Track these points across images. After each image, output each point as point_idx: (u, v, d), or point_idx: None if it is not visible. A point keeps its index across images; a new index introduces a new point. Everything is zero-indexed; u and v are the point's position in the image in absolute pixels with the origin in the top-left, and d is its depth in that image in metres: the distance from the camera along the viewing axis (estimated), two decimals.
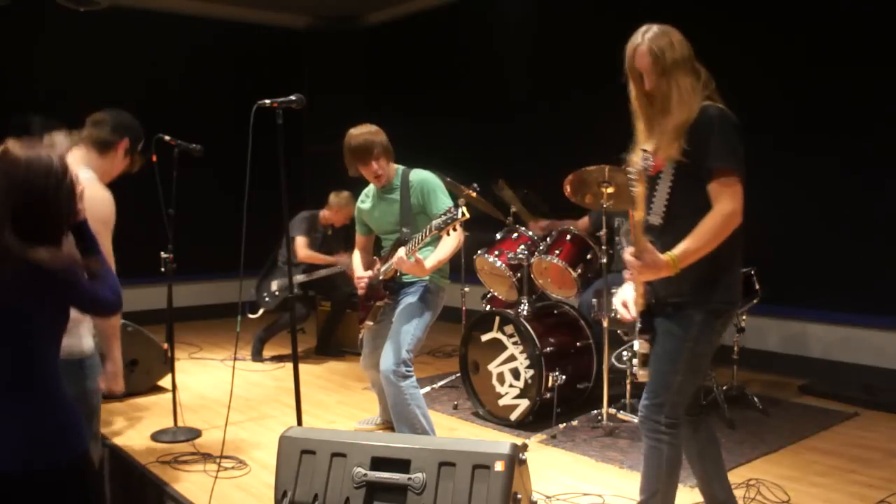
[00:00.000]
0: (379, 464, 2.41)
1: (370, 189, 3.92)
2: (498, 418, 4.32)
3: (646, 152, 2.42)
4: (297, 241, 5.86)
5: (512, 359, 4.25)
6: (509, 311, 4.34)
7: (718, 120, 2.38)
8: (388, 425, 4.22)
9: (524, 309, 4.32)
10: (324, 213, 6.04)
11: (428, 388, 4.86)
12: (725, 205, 2.35)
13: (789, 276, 5.05)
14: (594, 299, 4.26)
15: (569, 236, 4.43)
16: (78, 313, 2.15)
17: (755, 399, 4.46)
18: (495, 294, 4.78)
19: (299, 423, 3.12)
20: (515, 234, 4.57)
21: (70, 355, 2.52)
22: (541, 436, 4.06)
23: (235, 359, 5.54)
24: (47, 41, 6.86)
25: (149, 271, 4.46)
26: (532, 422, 4.18)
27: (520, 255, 4.38)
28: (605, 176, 4.00)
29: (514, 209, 5.01)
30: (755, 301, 4.38)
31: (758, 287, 4.37)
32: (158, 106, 7.08)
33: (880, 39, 4.74)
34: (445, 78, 7.66)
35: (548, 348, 4.16)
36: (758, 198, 2.59)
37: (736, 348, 4.53)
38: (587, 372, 4.41)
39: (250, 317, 5.80)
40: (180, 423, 4.20)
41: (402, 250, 3.51)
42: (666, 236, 2.43)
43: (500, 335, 4.31)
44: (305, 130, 8.13)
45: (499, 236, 4.66)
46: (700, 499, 3.22)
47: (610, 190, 4.03)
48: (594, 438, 4.02)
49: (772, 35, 5.17)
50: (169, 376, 4.44)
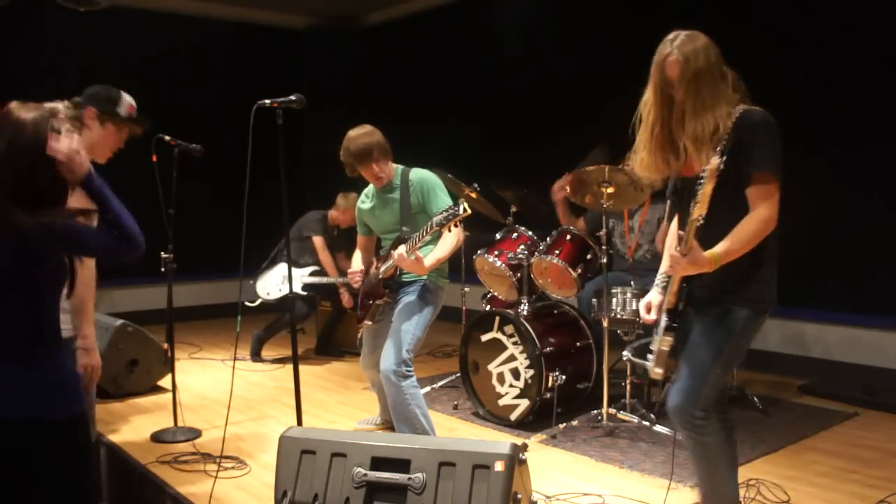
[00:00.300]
0: (379, 464, 2.41)
1: (370, 189, 3.92)
2: (498, 418, 4.32)
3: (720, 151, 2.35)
4: (315, 242, 5.90)
5: (512, 359, 4.25)
6: (509, 311, 4.34)
7: (763, 126, 2.40)
8: (388, 425, 4.22)
9: (524, 309, 4.32)
10: (331, 214, 6.06)
11: (428, 388, 4.86)
12: (765, 211, 2.39)
13: (789, 277, 5.04)
14: (594, 299, 4.26)
15: (569, 236, 4.43)
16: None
17: (755, 399, 4.47)
18: (495, 294, 4.78)
19: (299, 423, 3.12)
20: (515, 234, 4.57)
21: None
22: (541, 436, 4.06)
23: (235, 359, 5.54)
24: (47, 41, 6.86)
25: (149, 271, 4.45)
26: (532, 422, 4.18)
27: (520, 255, 4.38)
28: (605, 176, 4.01)
29: (525, 191, 4.95)
30: None
31: None
32: (158, 106, 7.03)
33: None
34: (445, 78, 7.67)
35: (548, 348, 4.16)
36: None
37: None
38: (587, 372, 4.41)
39: (247, 304, 5.79)
40: (180, 423, 4.19)
41: (402, 247, 3.52)
42: (703, 242, 2.42)
43: (500, 335, 4.31)
44: (305, 130, 8.13)
45: (499, 236, 4.66)
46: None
47: (610, 190, 4.04)
48: (594, 438, 4.02)
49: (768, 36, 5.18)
50: (169, 376, 4.43)
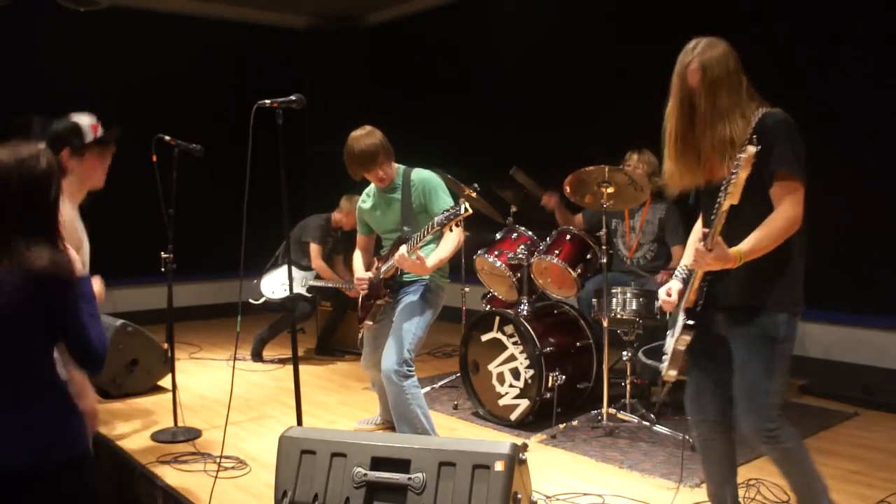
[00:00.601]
0: (379, 464, 2.41)
1: (371, 189, 3.92)
2: (498, 418, 4.32)
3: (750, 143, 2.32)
4: (311, 249, 5.92)
5: (512, 359, 4.25)
6: (509, 311, 4.34)
7: (784, 125, 2.41)
8: (388, 425, 4.22)
9: (524, 309, 4.32)
10: (335, 216, 6.07)
11: (428, 388, 4.86)
12: (789, 209, 2.39)
13: None
14: (594, 299, 4.26)
15: (569, 236, 4.43)
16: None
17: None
18: (495, 294, 4.78)
19: (299, 423, 3.12)
20: (515, 234, 4.57)
21: None
22: (541, 436, 4.06)
23: (235, 359, 5.54)
24: (47, 41, 6.86)
25: (149, 271, 4.47)
26: (532, 422, 4.18)
27: (520, 255, 4.38)
28: (605, 176, 4.01)
29: (526, 190, 4.97)
30: None
31: None
32: (158, 106, 7.09)
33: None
34: (445, 78, 7.66)
35: (548, 348, 4.17)
36: None
37: None
38: (587, 372, 4.41)
39: (251, 302, 5.81)
40: (180, 423, 4.20)
41: (403, 248, 3.52)
42: (726, 240, 2.41)
43: (500, 335, 4.31)
44: (305, 130, 8.12)
45: (499, 236, 4.66)
46: (701, 498, 3.23)
47: (609, 190, 4.03)
48: (594, 438, 4.02)
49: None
50: (169, 376, 4.44)
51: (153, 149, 3.98)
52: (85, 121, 2.75)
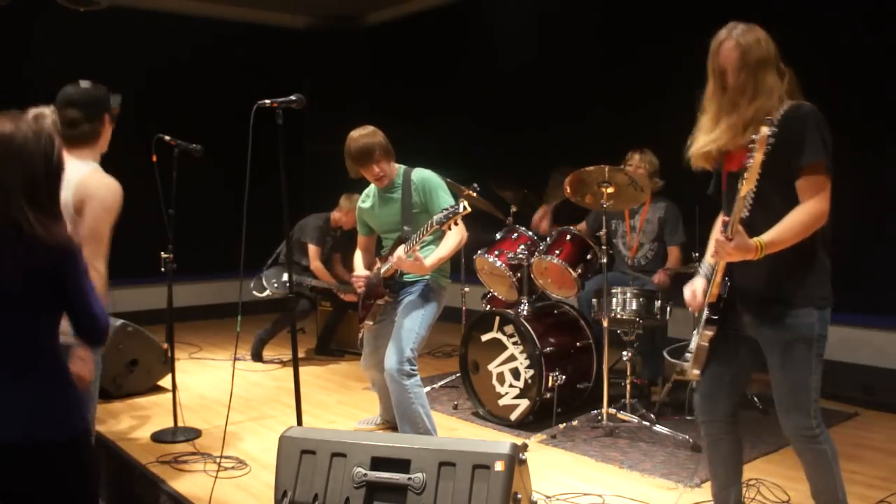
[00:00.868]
0: (379, 464, 2.41)
1: (371, 189, 3.92)
2: (498, 418, 4.32)
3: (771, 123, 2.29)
4: (310, 250, 5.91)
5: (512, 359, 4.25)
6: (509, 311, 4.34)
7: (812, 118, 2.38)
8: (388, 425, 4.22)
9: (524, 309, 4.32)
10: (334, 216, 6.06)
11: (428, 388, 4.84)
12: (816, 204, 2.35)
13: None
14: (594, 299, 4.26)
15: (569, 236, 4.43)
16: None
17: (755, 399, 4.46)
18: (495, 294, 4.78)
19: (299, 423, 3.11)
20: (515, 234, 4.57)
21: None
22: (541, 436, 4.06)
23: (235, 359, 5.54)
24: (47, 41, 6.86)
25: (149, 271, 4.46)
26: (532, 422, 4.18)
27: (520, 255, 4.38)
28: (605, 176, 4.00)
29: (556, 194, 4.93)
30: None
31: None
32: (158, 106, 7.09)
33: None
34: (445, 78, 7.66)
35: (548, 348, 4.17)
36: None
37: None
38: (587, 372, 4.41)
39: (254, 293, 5.81)
40: (180, 423, 4.19)
41: (400, 248, 3.52)
42: (755, 233, 2.39)
43: (500, 335, 4.31)
44: (305, 130, 8.12)
45: (499, 236, 4.66)
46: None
47: (610, 190, 4.03)
48: (594, 438, 4.02)
49: None
50: (169, 376, 4.44)
51: (153, 149, 3.98)
52: (102, 87, 2.88)
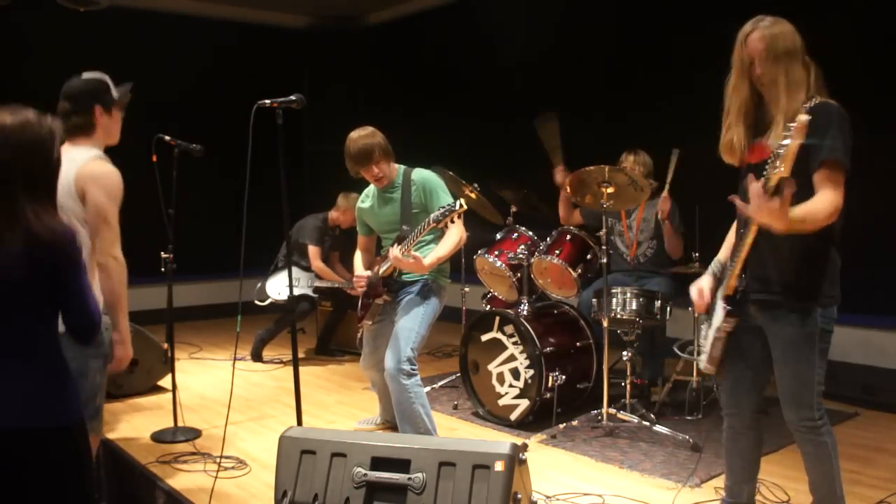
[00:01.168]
0: (379, 464, 2.41)
1: (371, 189, 3.92)
2: (498, 418, 4.32)
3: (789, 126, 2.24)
4: (309, 250, 5.91)
5: (512, 359, 4.25)
6: (509, 311, 4.33)
7: (837, 116, 2.39)
8: (388, 425, 4.22)
9: (524, 309, 4.32)
10: (332, 215, 6.06)
11: (428, 388, 4.84)
12: (834, 195, 2.33)
13: None
14: (594, 299, 4.26)
15: (569, 236, 4.43)
16: None
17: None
18: (495, 294, 4.78)
19: (299, 423, 3.11)
20: (515, 234, 4.57)
21: None
22: (541, 436, 4.06)
23: (235, 359, 5.54)
24: (47, 41, 6.86)
25: (149, 271, 4.46)
26: (532, 422, 4.18)
27: (520, 255, 4.38)
28: (605, 176, 4.00)
29: (553, 144, 4.96)
30: None
31: None
32: (158, 106, 7.07)
33: None
34: (445, 78, 7.66)
35: (548, 348, 4.16)
36: None
37: None
38: (587, 372, 4.41)
39: (258, 303, 5.82)
40: (180, 423, 4.19)
41: (395, 248, 3.52)
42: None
43: (500, 335, 4.31)
44: (305, 130, 8.12)
45: (499, 236, 4.66)
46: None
47: (610, 190, 4.03)
48: (594, 438, 4.02)
49: None
50: (169, 376, 4.44)
51: (153, 149, 3.98)
52: (105, 77, 2.85)
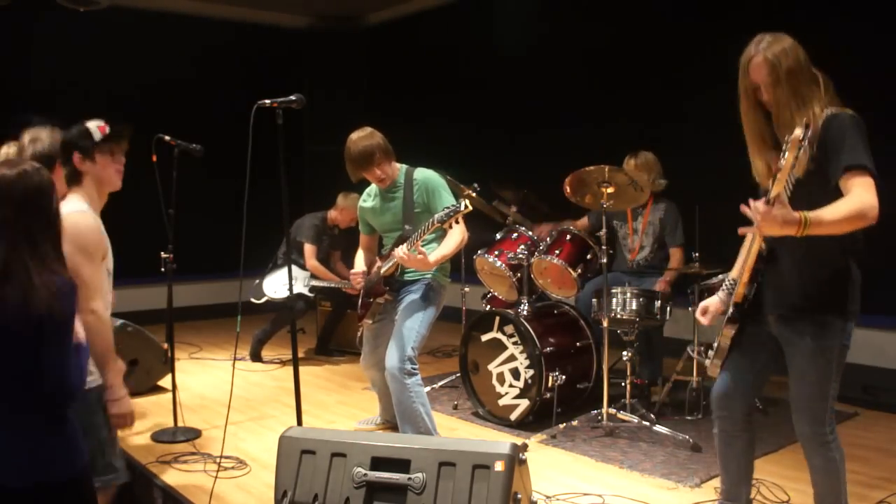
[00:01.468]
0: (379, 464, 2.41)
1: (373, 188, 3.92)
2: (498, 418, 4.32)
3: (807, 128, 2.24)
4: (305, 249, 5.91)
5: (512, 359, 4.25)
6: (509, 311, 4.34)
7: (852, 123, 2.37)
8: (388, 425, 4.22)
9: (524, 309, 4.32)
10: (331, 214, 6.07)
11: (428, 388, 4.84)
12: (866, 194, 2.28)
13: None
14: (594, 299, 4.26)
15: (569, 236, 4.43)
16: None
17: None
18: (495, 294, 4.78)
19: (299, 423, 3.11)
20: (515, 234, 4.57)
21: None
22: (541, 436, 4.06)
23: (235, 359, 5.54)
24: (47, 41, 6.86)
25: (149, 271, 4.46)
26: (532, 422, 4.18)
27: (520, 255, 4.38)
28: (605, 176, 4.00)
29: (510, 217, 5.00)
30: None
31: None
32: (158, 106, 7.09)
33: None
34: (445, 78, 7.66)
35: (548, 348, 4.17)
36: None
37: None
38: (587, 372, 4.41)
39: (253, 301, 5.82)
40: (180, 423, 4.20)
41: (403, 245, 3.52)
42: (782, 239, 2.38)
43: (500, 335, 4.31)
44: (305, 130, 8.12)
45: (499, 236, 4.66)
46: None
47: (610, 190, 4.03)
48: (594, 438, 4.02)
49: None
50: (169, 376, 4.44)
51: (153, 149, 3.98)
52: (92, 123, 2.70)
